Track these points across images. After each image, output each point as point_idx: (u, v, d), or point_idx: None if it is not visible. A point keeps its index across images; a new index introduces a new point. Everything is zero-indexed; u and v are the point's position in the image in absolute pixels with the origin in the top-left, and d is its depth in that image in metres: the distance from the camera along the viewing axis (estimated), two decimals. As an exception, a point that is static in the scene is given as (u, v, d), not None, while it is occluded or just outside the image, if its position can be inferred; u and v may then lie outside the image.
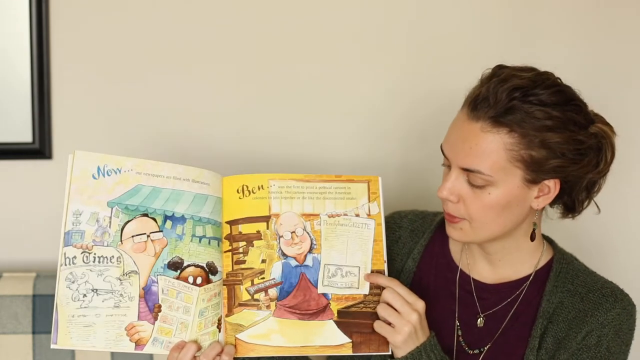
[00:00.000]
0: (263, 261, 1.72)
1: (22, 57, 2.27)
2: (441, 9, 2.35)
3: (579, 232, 2.34)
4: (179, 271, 1.66)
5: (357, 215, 1.74)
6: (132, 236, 1.64)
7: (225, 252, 1.71)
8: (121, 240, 1.64)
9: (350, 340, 1.70)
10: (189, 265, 1.67)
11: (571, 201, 1.74)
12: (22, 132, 2.30)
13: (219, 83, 2.33)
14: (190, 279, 1.66)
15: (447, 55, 2.36)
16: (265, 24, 2.32)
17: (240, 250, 1.71)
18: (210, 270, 1.69)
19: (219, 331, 1.69)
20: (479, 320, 1.79)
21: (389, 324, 1.67)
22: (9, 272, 2.19)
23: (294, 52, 2.34)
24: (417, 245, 1.88)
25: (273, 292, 1.71)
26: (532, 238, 1.75)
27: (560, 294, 1.75)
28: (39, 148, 2.30)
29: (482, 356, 1.76)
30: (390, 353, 1.70)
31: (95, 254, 1.63)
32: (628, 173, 2.39)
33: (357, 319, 1.70)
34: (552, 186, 1.66)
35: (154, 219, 1.66)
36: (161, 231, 1.66)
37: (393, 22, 2.34)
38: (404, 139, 2.39)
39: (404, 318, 1.65)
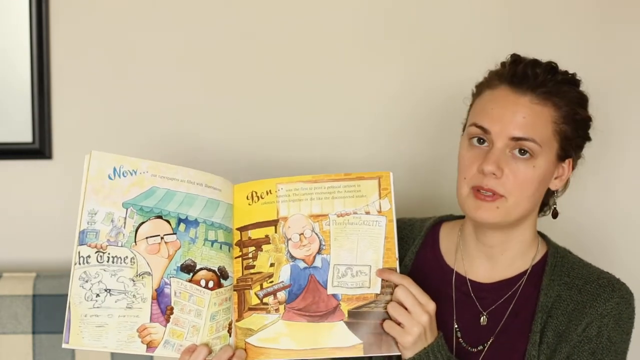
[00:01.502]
0: (272, 265, 1.71)
1: (22, 57, 2.28)
2: (446, 8, 2.36)
3: (578, 232, 2.36)
4: (191, 274, 1.66)
5: (368, 213, 1.71)
6: (146, 237, 1.65)
7: (236, 258, 1.72)
8: (135, 241, 1.64)
9: (362, 342, 1.67)
10: (201, 269, 1.67)
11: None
12: (22, 132, 2.30)
13: (223, 83, 2.33)
14: (203, 282, 1.67)
15: (450, 55, 2.36)
16: (272, 25, 2.33)
17: (250, 255, 1.72)
18: (221, 274, 1.69)
19: (230, 335, 1.70)
20: (482, 318, 1.80)
21: (399, 323, 1.66)
22: (9, 272, 2.19)
23: (300, 54, 2.34)
24: (408, 253, 1.89)
25: (282, 295, 1.71)
26: (555, 215, 1.82)
27: (557, 287, 1.77)
28: (39, 148, 2.30)
29: (484, 353, 1.78)
30: (399, 354, 1.69)
31: (109, 254, 1.63)
32: (631, 173, 2.43)
33: (368, 320, 1.68)
34: (567, 167, 1.76)
35: (168, 222, 1.66)
36: (175, 233, 1.66)
37: (395, 21, 2.35)
38: (412, 139, 2.38)
39: (414, 319, 1.64)
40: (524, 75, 1.70)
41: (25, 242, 2.33)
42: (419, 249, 1.89)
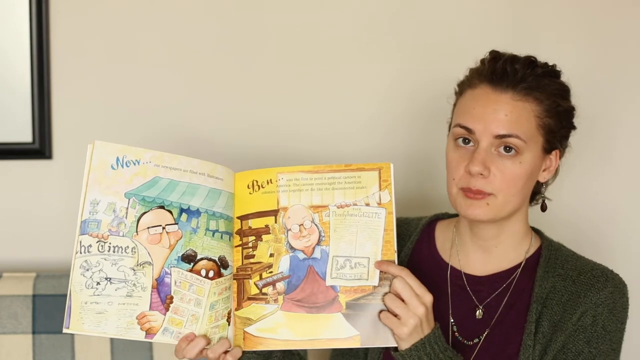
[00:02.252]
0: (271, 255, 1.72)
1: (22, 57, 2.29)
2: (442, 4, 2.37)
3: (575, 230, 2.37)
4: (192, 264, 1.68)
5: (368, 205, 1.71)
6: (148, 227, 1.66)
7: (236, 247, 1.73)
8: (137, 231, 1.65)
9: (359, 333, 1.68)
10: (202, 259, 1.69)
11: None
12: (22, 132, 2.31)
13: (222, 79, 2.34)
14: (203, 272, 1.68)
15: (446, 50, 2.37)
16: (271, 21, 2.35)
17: (250, 244, 1.73)
18: (222, 264, 1.70)
19: (229, 325, 1.71)
20: (477, 312, 1.81)
21: (396, 315, 1.66)
22: (9, 272, 2.20)
23: (298, 50, 2.36)
24: (404, 249, 1.91)
25: (281, 285, 1.72)
26: (544, 209, 1.85)
27: (551, 278, 1.79)
28: (39, 148, 2.31)
29: (479, 346, 1.79)
30: (396, 345, 1.70)
31: (110, 243, 1.64)
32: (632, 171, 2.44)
33: (366, 311, 1.68)
34: (554, 158, 1.78)
35: (170, 212, 1.67)
36: (177, 224, 1.68)
37: (392, 18, 2.37)
38: (409, 133, 2.39)
39: (411, 310, 1.64)
40: (504, 72, 1.71)
41: (25, 242, 2.34)
42: (415, 245, 1.92)
